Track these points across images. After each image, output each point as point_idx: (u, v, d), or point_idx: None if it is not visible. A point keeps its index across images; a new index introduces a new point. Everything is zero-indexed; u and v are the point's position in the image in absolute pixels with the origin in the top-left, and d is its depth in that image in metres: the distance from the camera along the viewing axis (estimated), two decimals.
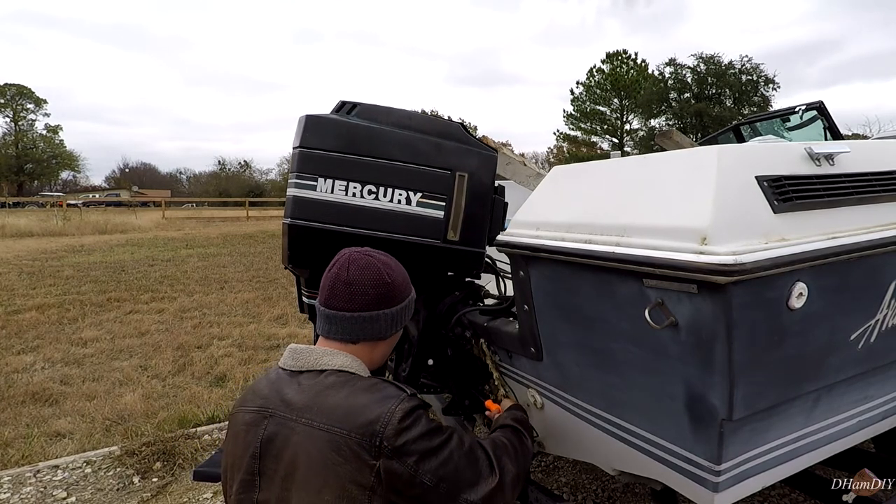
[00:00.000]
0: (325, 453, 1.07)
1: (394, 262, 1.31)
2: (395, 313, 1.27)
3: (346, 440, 1.07)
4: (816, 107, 3.59)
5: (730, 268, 0.89)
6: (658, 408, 1.16)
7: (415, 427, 1.10)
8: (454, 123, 1.81)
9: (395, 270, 1.28)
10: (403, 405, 1.11)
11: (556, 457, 2.70)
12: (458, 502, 1.12)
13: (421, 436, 1.10)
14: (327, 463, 1.06)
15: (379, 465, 1.06)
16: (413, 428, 1.09)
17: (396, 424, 1.07)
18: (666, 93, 39.32)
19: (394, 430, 1.07)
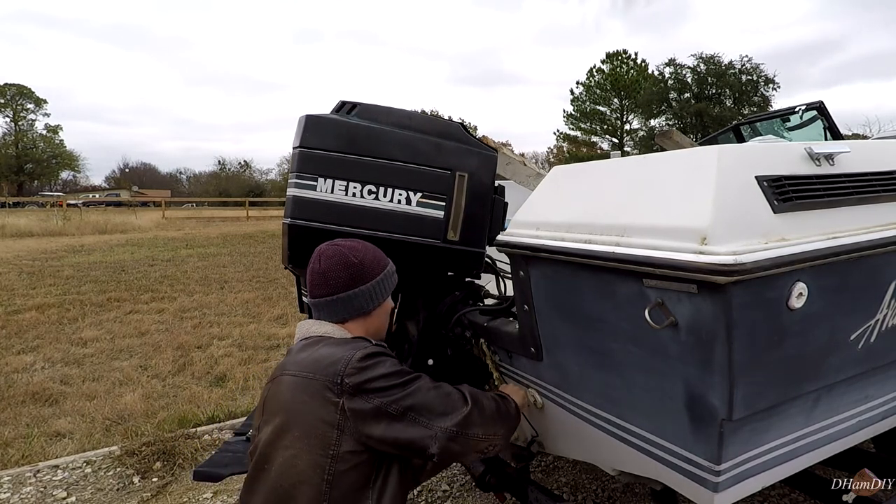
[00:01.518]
0: (296, 395, 1.22)
1: (360, 244, 1.44)
2: (370, 288, 1.41)
3: (312, 383, 1.20)
4: (816, 107, 3.59)
5: (730, 268, 0.89)
6: (658, 408, 1.16)
7: (376, 367, 1.21)
8: (454, 123, 1.81)
9: (360, 251, 1.42)
10: (366, 350, 1.23)
11: (556, 457, 2.70)
12: (432, 430, 1.20)
13: (383, 375, 1.21)
14: (296, 403, 1.21)
15: (342, 402, 1.17)
16: (374, 368, 1.20)
17: (356, 363, 1.19)
18: (666, 93, 39.32)
19: (354, 369, 1.19)
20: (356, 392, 1.17)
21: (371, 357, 1.22)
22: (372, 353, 1.23)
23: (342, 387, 1.18)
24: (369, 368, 1.20)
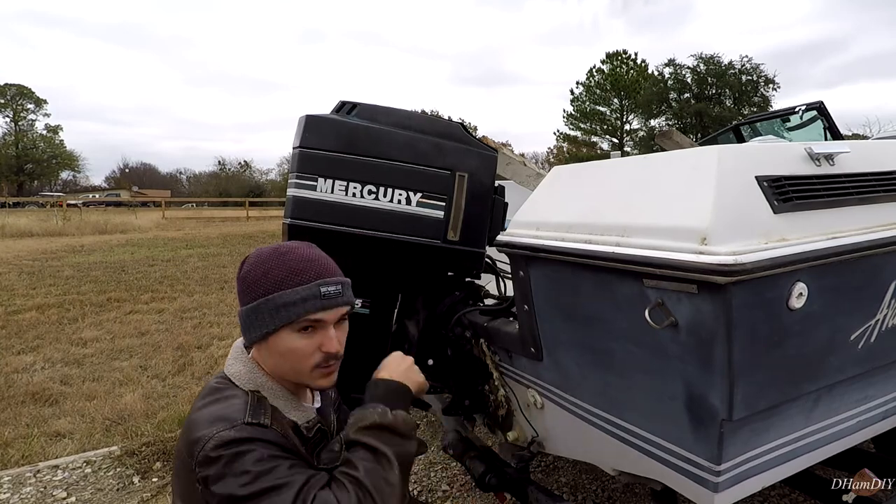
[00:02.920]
0: (179, 453, 1.13)
1: (269, 251, 1.17)
2: (243, 314, 1.15)
3: (182, 449, 1.10)
4: (816, 107, 3.59)
5: (730, 268, 0.89)
6: (658, 408, 1.16)
7: (226, 464, 0.99)
8: (454, 123, 1.82)
9: (254, 262, 1.16)
10: (224, 434, 1.02)
11: (556, 457, 2.70)
12: None
13: (223, 475, 0.99)
14: (179, 460, 1.13)
15: (199, 484, 1.05)
16: (220, 463, 1.00)
17: (208, 452, 1.01)
18: (666, 93, 39.33)
19: (204, 458, 1.01)
20: (204, 484, 1.02)
21: (224, 447, 1.00)
22: (229, 443, 1.00)
23: (196, 472, 1.03)
24: (215, 463, 1.00)
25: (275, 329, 1.11)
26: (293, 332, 1.11)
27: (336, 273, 1.18)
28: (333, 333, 1.14)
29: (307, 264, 1.14)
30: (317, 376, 1.15)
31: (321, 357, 1.13)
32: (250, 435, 1.03)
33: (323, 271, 1.15)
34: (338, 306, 1.14)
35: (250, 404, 1.09)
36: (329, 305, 1.12)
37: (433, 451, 2.89)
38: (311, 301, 1.10)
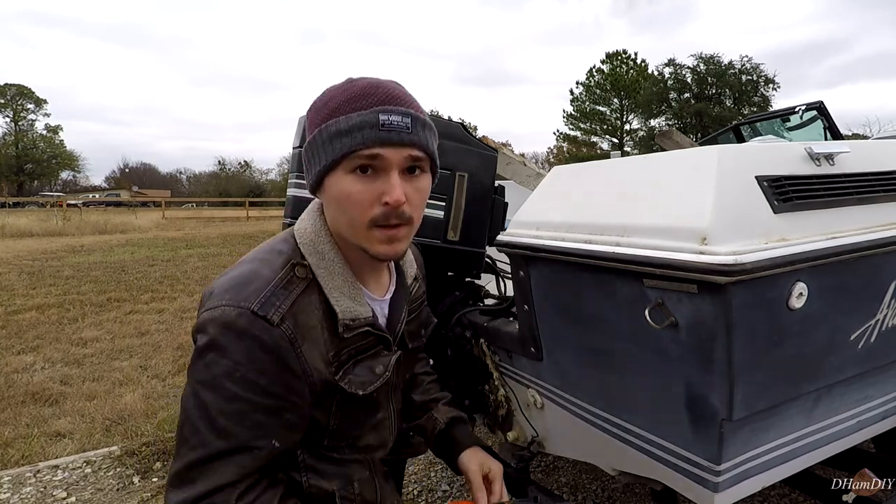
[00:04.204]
0: None
1: (342, 81, 0.96)
2: (304, 152, 0.95)
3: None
4: (816, 107, 3.59)
5: (730, 268, 0.89)
6: (658, 408, 1.16)
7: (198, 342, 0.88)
8: (454, 123, 1.82)
9: (321, 94, 0.95)
10: (219, 313, 0.87)
11: (556, 457, 2.70)
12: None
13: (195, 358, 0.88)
14: None
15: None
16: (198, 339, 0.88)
17: (199, 321, 0.89)
18: (666, 93, 39.34)
19: (195, 326, 0.90)
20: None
21: (211, 328, 0.86)
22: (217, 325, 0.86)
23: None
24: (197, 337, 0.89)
25: (328, 166, 0.90)
26: (348, 171, 0.89)
27: (408, 103, 0.92)
28: (398, 181, 0.89)
29: (372, 90, 0.90)
30: (376, 239, 0.92)
31: (381, 211, 0.89)
32: (243, 330, 0.86)
33: (389, 98, 0.90)
34: (402, 144, 0.89)
35: (277, 282, 0.91)
36: (390, 140, 0.88)
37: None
38: (366, 130, 0.87)
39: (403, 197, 0.89)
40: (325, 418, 0.99)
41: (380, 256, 0.95)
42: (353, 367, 0.98)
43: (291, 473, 1.00)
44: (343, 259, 0.98)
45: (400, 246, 0.95)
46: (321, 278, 0.95)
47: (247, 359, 0.85)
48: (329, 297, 0.95)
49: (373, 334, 1.01)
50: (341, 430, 1.02)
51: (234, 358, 0.85)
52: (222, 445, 0.85)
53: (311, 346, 0.92)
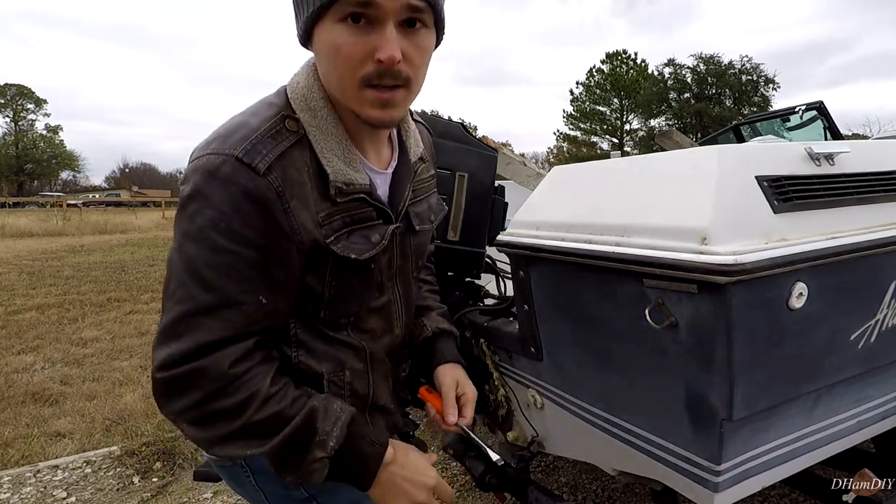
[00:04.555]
0: None
1: None
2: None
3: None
4: (816, 107, 3.59)
5: (730, 268, 0.89)
6: (658, 408, 1.16)
7: (185, 207, 0.82)
8: (454, 123, 1.82)
9: None
10: (204, 161, 0.81)
11: (556, 457, 2.70)
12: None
13: (181, 219, 0.83)
14: None
15: None
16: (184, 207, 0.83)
17: (187, 169, 0.85)
18: (666, 93, 39.36)
19: (183, 176, 0.86)
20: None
21: (195, 175, 0.81)
22: (200, 172, 0.81)
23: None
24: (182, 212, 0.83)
25: (316, 12, 0.80)
26: (338, 20, 0.79)
27: None
28: (394, 34, 0.79)
29: None
30: (367, 102, 0.83)
31: (374, 69, 0.80)
32: (227, 178, 0.80)
33: None
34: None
35: (265, 131, 0.84)
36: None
37: (433, 451, 2.89)
38: None
39: (399, 54, 0.79)
40: (320, 286, 0.92)
41: (372, 121, 0.86)
42: (347, 235, 0.90)
43: (283, 347, 0.94)
44: (337, 119, 0.89)
45: (395, 112, 0.85)
46: (312, 136, 0.87)
47: (232, 208, 0.80)
48: (320, 156, 0.87)
49: (370, 205, 0.92)
50: (338, 301, 0.94)
51: (219, 207, 0.79)
52: (208, 299, 0.81)
53: (300, 203, 0.84)
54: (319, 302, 0.94)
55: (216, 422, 0.83)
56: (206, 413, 0.82)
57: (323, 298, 0.93)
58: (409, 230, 1.06)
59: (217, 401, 0.82)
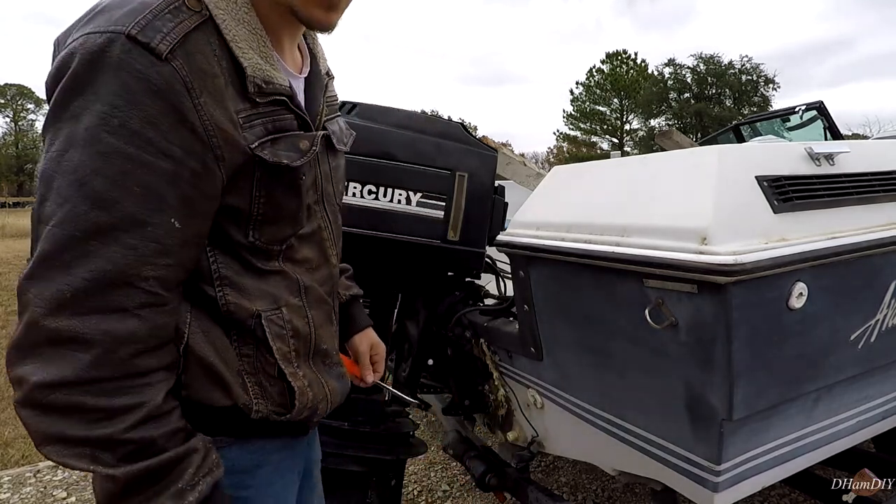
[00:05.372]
0: None
1: None
2: None
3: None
4: (816, 107, 3.59)
5: (730, 268, 0.89)
6: (658, 408, 1.17)
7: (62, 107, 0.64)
8: (454, 123, 1.82)
9: None
10: (87, 41, 0.64)
11: (556, 457, 2.70)
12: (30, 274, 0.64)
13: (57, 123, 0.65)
14: None
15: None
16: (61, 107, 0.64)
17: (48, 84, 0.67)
18: (666, 93, 39.38)
19: (47, 87, 0.67)
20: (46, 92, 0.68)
21: (73, 94, 0.64)
22: (81, 57, 0.63)
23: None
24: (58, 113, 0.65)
25: None
26: None
27: None
28: None
29: None
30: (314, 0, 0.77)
31: None
32: (119, 62, 0.63)
33: None
34: None
35: (160, 6, 0.67)
36: None
37: (433, 451, 2.89)
38: None
39: None
40: (246, 204, 0.76)
41: (312, 22, 0.79)
42: (271, 143, 0.77)
43: (203, 288, 0.76)
44: (250, 5, 0.76)
45: (337, 16, 0.81)
46: (221, 20, 0.71)
47: (126, 101, 0.63)
48: (233, 45, 0.72)
49: (291, 112, 0.80)
50: (268, 221, 0.79)
51: (110, 101, 0.62)
52: (102, 217, 0.62)
53: (213, 100, 0.69)
54: (246, 224, 0.77)
55: (73, 416, 0.62)
56: (70, 399, 0.62)
57: (251, 219, 0.77)
58: (329, 148, 0.93)
59: (94, 389, 0.63)
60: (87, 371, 0.62)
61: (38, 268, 0.63)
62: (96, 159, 0.62)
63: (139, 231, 0.65)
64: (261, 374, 0.81)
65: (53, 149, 0.64)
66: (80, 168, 0.62)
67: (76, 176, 0.62)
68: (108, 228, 0.63)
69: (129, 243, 0.64)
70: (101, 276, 0.63)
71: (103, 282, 0.63)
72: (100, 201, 0.62)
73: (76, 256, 0.62)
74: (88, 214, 0.62)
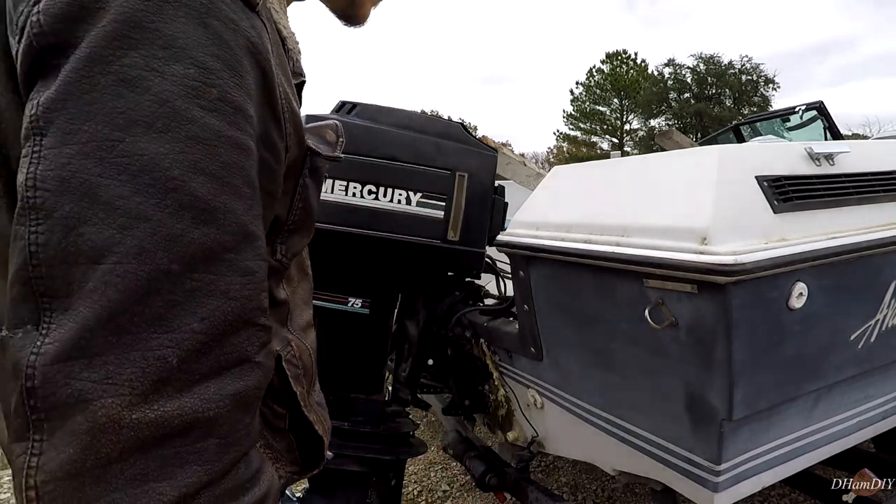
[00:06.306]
0: None
1: None
2: None
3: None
4: (816, 107, 3.60)
5: (730, 268, 0.89)
6: (658, 408, 1.17)
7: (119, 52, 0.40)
8: (454, 123, 1.82)
9: None
10: None
11: (556, 457, 2.70)
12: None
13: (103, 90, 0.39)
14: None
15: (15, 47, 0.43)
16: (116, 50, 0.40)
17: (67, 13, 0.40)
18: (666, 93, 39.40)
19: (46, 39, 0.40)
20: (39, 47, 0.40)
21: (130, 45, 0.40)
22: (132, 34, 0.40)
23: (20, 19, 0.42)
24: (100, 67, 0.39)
25: None
26: None
27: None
28: None
29: None
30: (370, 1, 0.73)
31: None
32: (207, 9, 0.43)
33: None
34: None
35: None
36: None
37: (433, 451, 2.89)
38: None
39: None
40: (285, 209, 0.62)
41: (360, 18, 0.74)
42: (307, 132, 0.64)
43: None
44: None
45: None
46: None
47: (224, 62, 0.44)
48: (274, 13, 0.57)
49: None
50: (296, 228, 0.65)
51: (197, 58, 0.42)
52: (210, 235, 0.42)
53: (283, 73, 0.55)
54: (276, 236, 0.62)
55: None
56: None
57: (284, 227, 0.62)
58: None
59: (230, 481, 0.44)
60: (220, 460, 0.42)
61: (100, 334, 0.38)
62: (191, 148, 0.42)
63: (252, 247, 0.46)
64: (266, 430, 0.64)
65: (78, 138, 0.39)
66: (159, 164, 0.40)
67: (154, 176, 0.40)
68: (220, 250, 0.43)
69: (247, 267, 0.45)
70: (221, 322, 0.43)
71: (222, 329, 0.43)
72: (203, 213, 0.42)
73: (175, 302, 0.40)
74: (190, 235, 0.41)
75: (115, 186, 0.39)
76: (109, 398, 0.37)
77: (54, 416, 0.37)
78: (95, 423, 0.37)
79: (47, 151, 0.39)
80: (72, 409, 0.37)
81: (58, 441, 0.37)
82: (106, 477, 0.37)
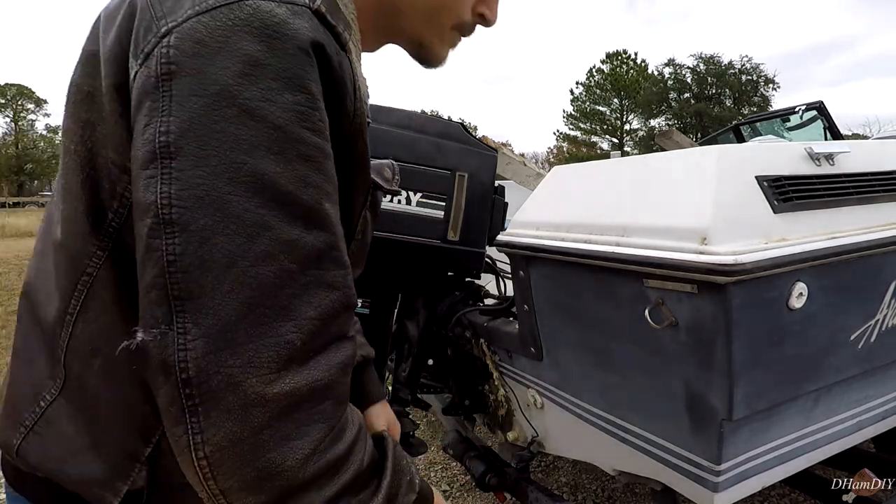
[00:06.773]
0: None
1: None
2: None
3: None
4: (816, 107, 3.60)
5: (730, 268, 0.89)
6: (658, 408, 1.17)
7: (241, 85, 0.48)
8: (454, 123, 1.82)
9: None
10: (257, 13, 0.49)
11: (556, 457, 2.70)
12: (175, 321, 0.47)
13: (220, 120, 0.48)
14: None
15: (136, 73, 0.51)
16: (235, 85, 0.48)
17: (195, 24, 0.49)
18: (666, 93, 39.41)
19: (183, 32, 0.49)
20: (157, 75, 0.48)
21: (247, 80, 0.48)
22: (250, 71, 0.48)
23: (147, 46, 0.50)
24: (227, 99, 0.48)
25: None
26: None
27: None
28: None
29: None
30: (450, 42, 0.77)
31: (472, 20, 0.76)
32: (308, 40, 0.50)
33: None
34: None
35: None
36: None
37: (433, 451, 2.89)
38: None
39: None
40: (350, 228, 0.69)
41: (433, 61, 0.79)
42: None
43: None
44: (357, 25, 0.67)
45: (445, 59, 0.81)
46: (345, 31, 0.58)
47: (318, 90, 0.52)
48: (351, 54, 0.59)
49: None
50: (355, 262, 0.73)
51: (305, 87, 0.50)
52: (320, 238, 0.52)
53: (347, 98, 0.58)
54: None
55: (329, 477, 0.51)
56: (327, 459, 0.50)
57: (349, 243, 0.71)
58: None
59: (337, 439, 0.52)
60: (335, 416, 0.52)
61: (241, 326, 0.46)
62: (300, 165, 0.50)
63: (343, 244, 0.56)
64: None
65: (209, 162, 0.47)
66: (276, 181, 0.48)
67: (273, 192, 0.48)
68: (326, 249, 0.52)
69: (344, 261, 0.55)
70: (329, 308, 0.52)
71: (330, 313, 0.52)
72: (311, 220, 0.51)
73: (295, 294, 0.49)
74: (304, 239, 0.50)
75: (242, 202, 0.47)
76: (254, 378, 0.46)
77: (208, 399, 0.45)
78: (246, 400, 0.46)
79: (179, 173, 0.47)
80: (224, 391, 0.45)
81: (216, 419, 0.45)
82: (259, 442, 0.46)
